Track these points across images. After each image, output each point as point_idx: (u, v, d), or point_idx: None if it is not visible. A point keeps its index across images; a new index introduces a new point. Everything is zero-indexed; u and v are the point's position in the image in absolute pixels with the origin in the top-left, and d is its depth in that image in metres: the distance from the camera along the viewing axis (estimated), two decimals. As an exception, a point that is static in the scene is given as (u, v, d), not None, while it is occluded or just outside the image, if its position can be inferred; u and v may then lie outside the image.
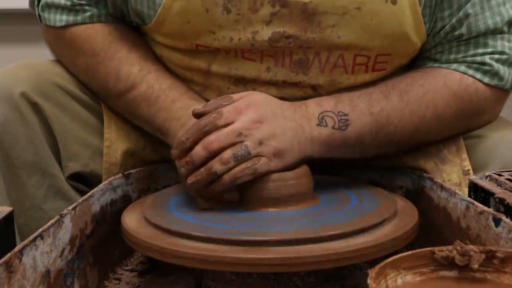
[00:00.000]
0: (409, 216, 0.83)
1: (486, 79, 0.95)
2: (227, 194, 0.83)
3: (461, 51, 0.96)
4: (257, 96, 0.87)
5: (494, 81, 0.95)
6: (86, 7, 1.01)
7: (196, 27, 0.92)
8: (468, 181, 0.87)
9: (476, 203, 0.78)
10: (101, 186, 0.90)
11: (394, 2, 0.89)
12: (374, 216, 0.79)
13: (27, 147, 0.97)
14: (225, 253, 0.72)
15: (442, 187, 0.87)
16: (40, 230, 0.70)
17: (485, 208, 0.75)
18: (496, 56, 0.95)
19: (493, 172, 0.85)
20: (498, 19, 0.94)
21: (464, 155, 0.97)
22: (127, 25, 1.03)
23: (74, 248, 0.79)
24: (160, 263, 0.90)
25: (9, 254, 0.63)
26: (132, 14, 0.99)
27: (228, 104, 0.84)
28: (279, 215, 0.82)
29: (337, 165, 1.00)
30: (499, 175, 0.84)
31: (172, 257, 0.74)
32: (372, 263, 0.60)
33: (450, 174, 0.96)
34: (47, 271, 0.71)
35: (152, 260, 0.91)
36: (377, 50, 0.93)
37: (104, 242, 0.89)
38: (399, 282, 0.58)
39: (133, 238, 0.79)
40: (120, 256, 0.94)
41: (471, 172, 0.96)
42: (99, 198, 0.89)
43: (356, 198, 0.87)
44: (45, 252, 0.71)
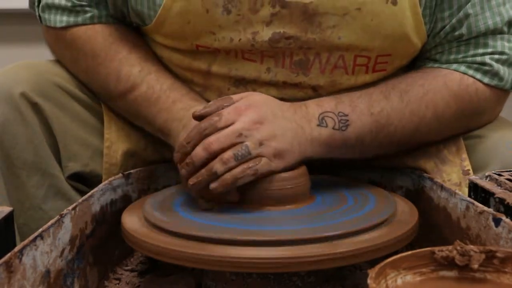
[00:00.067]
0: (409, 216, 0.83)
1: (486, 79, 0.95)
2: (228, 195, 0.82)
3: (461, 52, 0.96)
4: (257, 97, 0.87)
5: (494, 81, 0.95)
6: (87, 8, 1.01)
7: (196, 28, 0.92)
8: (468, 181, 0.87)
9: (476, 203, 0.78)
10: (101, 186, 0.90)
11: (395, 3, 0.89)
12: (373, 216, 0.79)
13: (27, 147, 0.97)
14: (225, 253, 0.72)
15: (442, 187, 0.87)
16: (40, 230, 0.70)
17: (485, 208, 0.75)
18: (496, 56, 0.95)
19: (493, 172, 0.85)
20: (498, 19, 0.94)
21: (464, 155, 0.97)
22: (128, 26, 1.03)
23: (74, 248, 0.79)
24: (160, 263, 0.90)
25: (9, 254, 0.63)
26: (133, 15, 0.99)
27: (228, 105, 0.84)
28: (279, 215, 0.82)
29: (337, 166, 1.00)
30: (499, 175, 0.84)
31: (172, 257, 0.74)
32: (372, 263, 0.60)
33: (450, 174, 0.96)
34: (47, 271, 0.71)
35: (152, 260, 0.91)
36: (378, 51, 0.93)
37: (104, 242, 0.89)
38: (399, 282, 0.58)
39: (133, 238, 0.79)
40: (120, 256, 0.94)
41: (471, 172, 0.96)
42: (99, 198, 0.89)
43: (352, 198, 0.87)
44: (45, 252, 0.71)
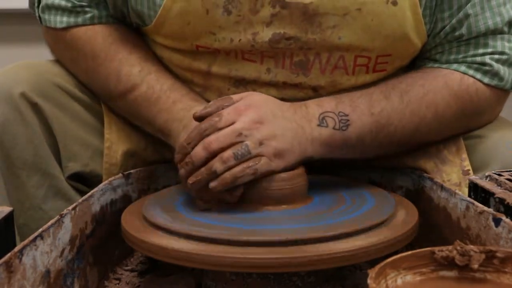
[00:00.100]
0: (409, 216, 0.83)
1: (486, 79, 0.95)
2: (227, 195, 0.82)
3: (461, 52, 0.96)
4: (257, 97, 0.87)
5: (494, 81, 0.95)
6: (87, 9, 1.01)
7: (196, 28, 0.92)
8: (468, 181, 0.87)
9: (476, 203, 0.78)
10: (101, 186, 0.90)
11: (395, 3, 0.89)
12: (372, 216, 0.79)
13: (27, 147, 0.97)
14: (225, 253, 0.72)
15: (442, 187, 0.87)
16: (40, 230, 0.70)
17: (485, 208, 0.75)
18: (496, 57, 0.95)
19: (493, 172, 0.85)
20: (498, 20, 0.94)
21: (464, 155, 0.97)
22: (128, 26, 1.02)
23: (74, 248, 0.79)
24: (160, 263, 0.90)
25: (9, 254, 0.63)
26: (133, 15, 0.99)
27: (228, 105, 0.84)
28: (279, 215, 0.82)
29: (338, 166, 1.00)
30: (499, 175, 0.84)
31: (172, 257, 0.74)
32: (372, 263, 0.60)
33: (450, 174, 0.96)
34: (47, 271, 0.71)
35: (152, 260, 0.91)
36: (378, 51, 0.93)
37: (104, 242, 0.89)
38: (399, 282, 0.58)
39: (133, 238, 0.79)
40: (120, 256, 0.94)
41: (471, 172, 0.96)
42: (99, 198, 0.89)
43: (350, 199, 0.87)
44: (45, 252, 0.71)
